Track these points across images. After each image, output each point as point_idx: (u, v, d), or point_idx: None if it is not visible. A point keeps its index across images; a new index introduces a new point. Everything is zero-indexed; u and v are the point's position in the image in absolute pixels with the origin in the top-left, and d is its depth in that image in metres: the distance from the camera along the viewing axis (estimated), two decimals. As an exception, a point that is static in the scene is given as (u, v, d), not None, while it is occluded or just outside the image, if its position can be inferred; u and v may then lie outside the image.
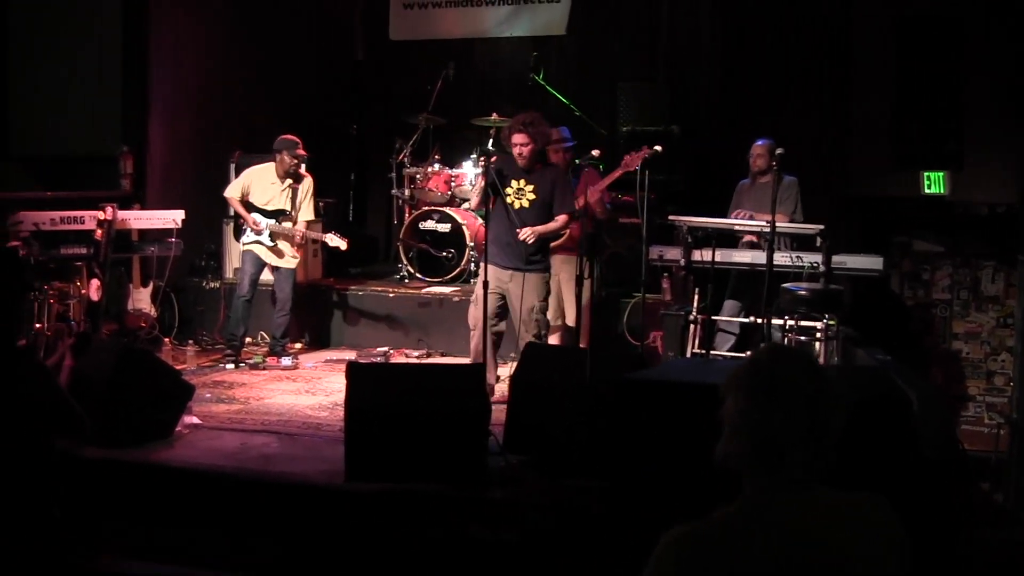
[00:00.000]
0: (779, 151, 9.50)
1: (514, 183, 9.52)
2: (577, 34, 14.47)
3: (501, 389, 9.47)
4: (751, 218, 10.28)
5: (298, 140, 11.39)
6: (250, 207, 11.37)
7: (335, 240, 11.40)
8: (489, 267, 9.11)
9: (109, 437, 7.84)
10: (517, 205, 9.48)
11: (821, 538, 2.86)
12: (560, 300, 10.44)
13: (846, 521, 2.93)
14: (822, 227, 9.83)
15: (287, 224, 11.39)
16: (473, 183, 12.77)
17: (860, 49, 12.42)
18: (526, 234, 9.26)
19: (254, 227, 11.29)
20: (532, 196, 9.49)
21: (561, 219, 9.50)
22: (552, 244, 10.09)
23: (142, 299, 11.87)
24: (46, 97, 14.28)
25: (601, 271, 10.51)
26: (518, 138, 9.45)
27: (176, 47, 13.69)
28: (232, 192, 11.54)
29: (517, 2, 14.53)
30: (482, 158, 10.06)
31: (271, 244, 11.39)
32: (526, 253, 9.42)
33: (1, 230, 10.90)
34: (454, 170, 13.21)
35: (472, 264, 12.70)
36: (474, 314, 9.63)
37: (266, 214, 11.37)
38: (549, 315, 10.07)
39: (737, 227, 10.36)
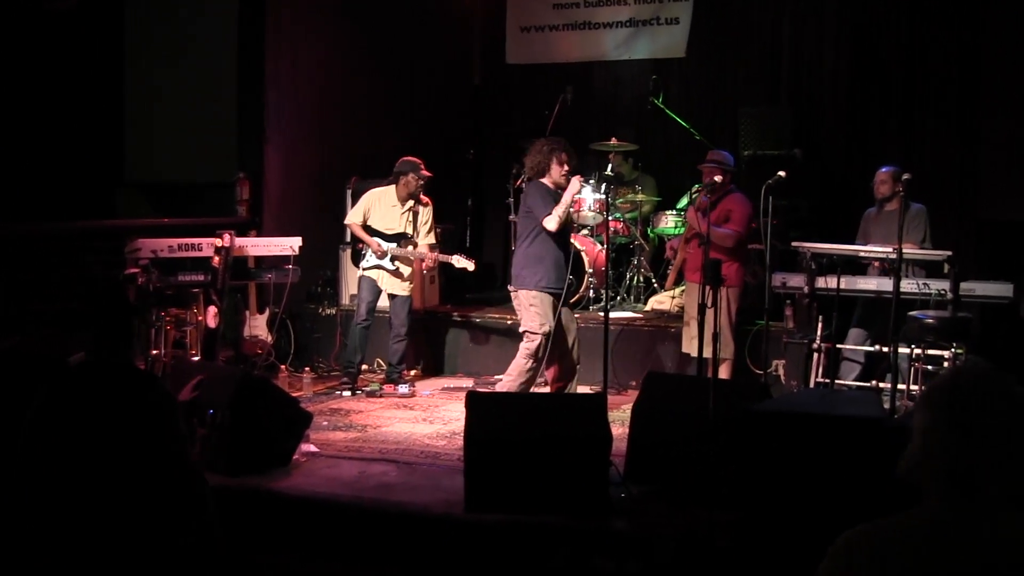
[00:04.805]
0: (906, 177, 9.28)
1: None
2: (697, 57, 14.29)
3: None
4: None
5: (420, 161, 11.33)
6: (370, 231, 11.33)
7: (462, 261, 11.24)
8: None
9: (230, 465, 7.88)
10: None
11: (1014, 562, 2.75)
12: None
13: None
14: (950, 253, 9.66)
15: (409, 248, 11.34)
16: (592, 208, 12.61)
17: (989, 70, 12.16)
18: None
19: (377, 250, 11.24)
20: None
21: None
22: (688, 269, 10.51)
23: (258, 326, 11.85)
24: (162, 124, 14.40)
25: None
26: None
27: (292, 72, 13.74)
28: (354, 217, 11.50)
29: (635, 25, 14.34)
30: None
31: (392, 268, 11.34)
32: None
33: (120, 257, 10.96)
34: (572, 196, 13.02)
35: (591, 291, 12.56)
36: None
37: (387, 238, 11.32)
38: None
39: (862, 253, 10.17)
